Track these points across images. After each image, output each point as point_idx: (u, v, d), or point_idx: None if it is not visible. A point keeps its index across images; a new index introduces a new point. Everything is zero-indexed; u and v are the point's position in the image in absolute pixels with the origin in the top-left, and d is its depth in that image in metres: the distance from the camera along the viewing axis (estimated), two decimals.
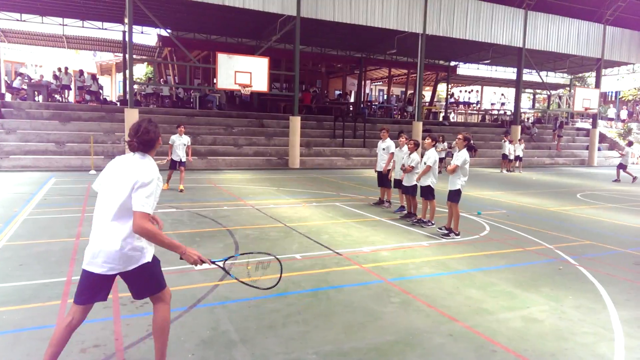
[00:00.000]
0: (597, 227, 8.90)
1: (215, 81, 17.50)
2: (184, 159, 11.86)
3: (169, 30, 22.92)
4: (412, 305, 4.60)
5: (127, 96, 17.24)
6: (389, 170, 10.05)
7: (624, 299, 4.94)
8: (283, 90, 29.40)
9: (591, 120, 29.48)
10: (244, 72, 17.14)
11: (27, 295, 4.50)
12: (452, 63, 33.75)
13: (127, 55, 18.41)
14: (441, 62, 33.28)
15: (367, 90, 40.74)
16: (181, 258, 2.98)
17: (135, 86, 24.32)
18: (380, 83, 43.76)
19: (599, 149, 28.45)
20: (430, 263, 6.10)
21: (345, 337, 3.85)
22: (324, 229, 7.80)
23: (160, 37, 25.70)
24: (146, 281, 3.01)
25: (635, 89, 39.76)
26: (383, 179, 10.25)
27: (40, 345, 3.50)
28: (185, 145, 11.86)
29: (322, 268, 5.67)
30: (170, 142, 11.80)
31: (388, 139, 10.30)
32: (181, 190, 11.39)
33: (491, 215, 9.72)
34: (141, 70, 40.79)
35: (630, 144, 19.50)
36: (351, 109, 30.70)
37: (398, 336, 3.90)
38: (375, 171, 10.60)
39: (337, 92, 36.37)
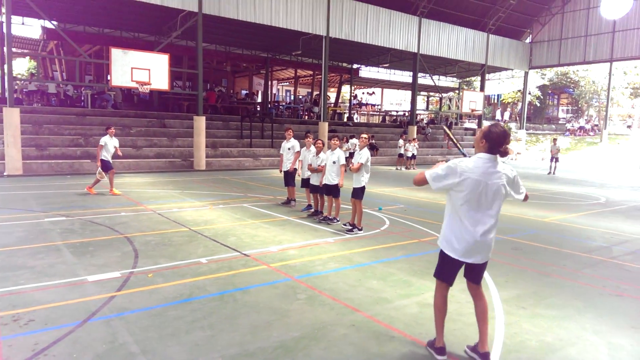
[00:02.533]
0: None
1: (109, 78, 16.40)
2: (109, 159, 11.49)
3: (54, 22, 20.97)
4: (317, 300, 4.74)
5: (7, 94, 15.45)
6: (295, 169, 10.21)
7: (504, 281, 5.54)
8: (186, 89, 28.40)
9: (477, 120, 32.46)
10: (141, 69, 16.28)
11: None
12: (355, 66, 35.10)
13: (5, 49, 16.51)
14: (344, 64, 34.45)
15: (274, 91, 40.82)
16: None
17: (17, 83, 21.88)
18: (287, 83, 44.10)
19: None
20: (335, 258, 6.32)
21: (252, 337, 3.86)
22: (231, 231, 7.70)
23: (44, 29, 23.40)
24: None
25: (513, 92, 44.51)
26: (289, 178, 10.37)
27: None
28: (115, 147, 11.50)
29: (228, 270, 5.60)
30: (101, 144, 11.28)
31: (293, 138, 10.43)
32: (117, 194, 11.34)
33: (391, 210, 10.31)
34: (23, 66, 36.82)
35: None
36: (258, 109, 30.56)
37: (303, 331, 4.00)
38: (281, 171, 10.68)
39: (244, 92, 35.97)
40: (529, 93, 38.42)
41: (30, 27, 24.65)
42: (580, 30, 30.21)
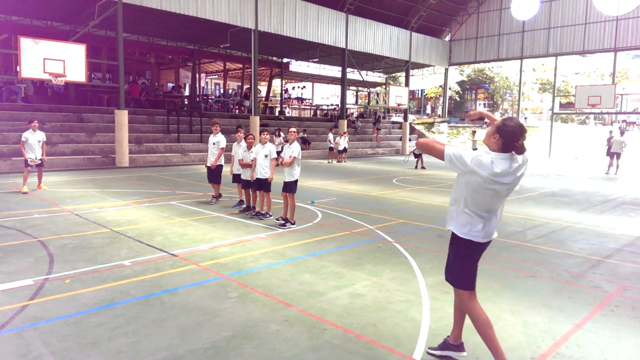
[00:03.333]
0: (408, 207, 10.25)
1: (18, 69, 15.01)
2: (39, 157, 11.00)
3: None
4: (249, 297, 4.67)
5: None
6: (219, 165, 9.97)
7: (430, 267, 5.80)
8: (106, 82, 26.75)
9: (403, 114, 33.67)
10: (55, 60, 15.07)
11: None
12: (285, 60, 34.96)
13: None
14: (274, 58, 34.19)
15: (203, 84, 39.60)
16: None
17: None
18: (216, 76, 42.95)
19: (410, 140, 32.71)
20: (268, 254, 6.26)
21: (181, 340, 3.72)
22: (158, 230, 7.38)
23: None
24: None
25: (435, 87, 46.68)
26: (213, 174, 10.08)
27: None
28: (40, 142, 11.03)
29: (154, 272, 5.36)
30: (22, 139, 10.86)
31: (219, 133, 10.15)
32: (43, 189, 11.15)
33: (323, 203, 10.41)
34: None
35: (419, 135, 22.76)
36: (186, 102, 29.50)
37: (235, 330, 3.93)
38: (206, 166, 10.35)
39: (170, 85, 34.54)
40: (450, 88, 40.49)
41: None
42: (494, 29, 32.28)
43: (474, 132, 23.71)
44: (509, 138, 3.01)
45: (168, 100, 27.01)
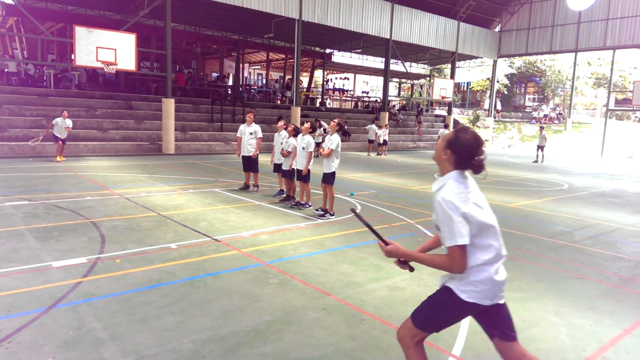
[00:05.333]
0: None
1: (73, 57, 15.72)
2: (64, 137, 14.16)
3: None
4: (289, 284, 4.76)
5: None
6: (257, 155, 10.09)
7: None
8: (154, 70, 27.60)
9: (447, 107, 32.93)
10: (107, 49, 15.69)
11: None
12: (328, 50, 34.87)
13: None
14: (317, 49, 34.16)
15: (246, 74, 40.19)
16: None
17: None
18: (259, 67, 43.47)
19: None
20: (307, 243, 6.34)
21: (223, 322, 3.85)
22: (202, 216, 7.61)
23: (3, 4, 22.15)
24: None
25: (482, 80, 45.29)
26: (250, 163, 10.21)
27: None
28: (66, 127, 14.05)
29: (199, 256, 5.55)
30: (53, 122, 13.98)
31: (254, 123, 10.26)
32: (59, 161, 14.10)
33: (362, 195, 10.39)
34: None
35: (446, 126, 21.62)
36: (229, 92, 30.05)
37: (275, 315, 4.02)
38: (240, 156, 10.40)
39: (215, 74, 35.26)
40: (498, 81, 39.20)
41: None
42: (547, 20, 30.88)
43: (541, 129, 22.64)
44: (463, 153, 2.43)
45: (212, 89, 27.59)
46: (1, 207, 7.64)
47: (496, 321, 2.57)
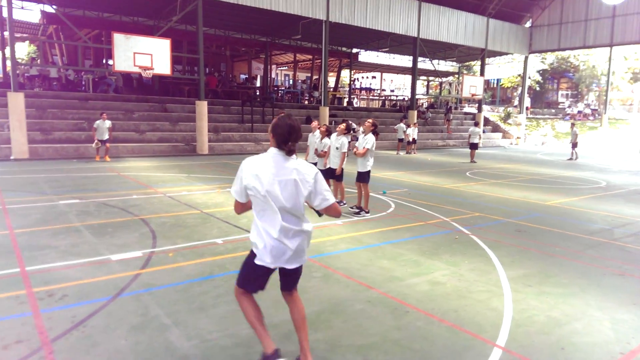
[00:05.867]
0: (484, 200, 10.08)
1: (108, 62, 16.39)
2: (106, 138, 14.88)
3: (54, 6, 20.81)
4: (332, 278, 4.96)
5: (11, 79, 15.45)
6: None
7: (510, 261, 5.77)
8: (187, 74, 28.31)
9: (477, 105, 32.53)
10: (144, 54, 16.25)
11: None
12: (354, 50, 34.97)
13: (6, 34, 16.45)
14: (344, 48, 34.31)
15: (273, 75, 40.68)
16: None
17: (19, 67, 21.76)
18: (286, 68, 43.92)
19: (484, 131, 31.59)
20: (345, 240, 6.53)
21: (275, 311, 4.08)
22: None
23: (44, 13, 23.22)
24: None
25: (513, 76, 44.47)
26: None
27: (28, 330, 3.42)
28: (108, 128, 14.75)
29: (244, 250, 5.79)
30: (95, 126, 14.74)
31: None
32: (97, 160, 15.03)
33: (395, 193, 10.51)
34: (23, 50, 36.52)
35: (476, 124, 20.96)
36: (258, 93, 30.52)
37: (322, 306, 4.22)
38: None
39: (243, 76, 35.86)
40: (529, 77, 38.44)
41: (29, 12, 24.35)
42: (580, 14, 30.14)
43: (573, 125, 22.16)
44: (280, 137, 2.89)
45: (242, 91, 28.10)
46: (55, 205, 8.12)
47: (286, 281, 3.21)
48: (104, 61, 27.24)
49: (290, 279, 3.24)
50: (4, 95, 15.89)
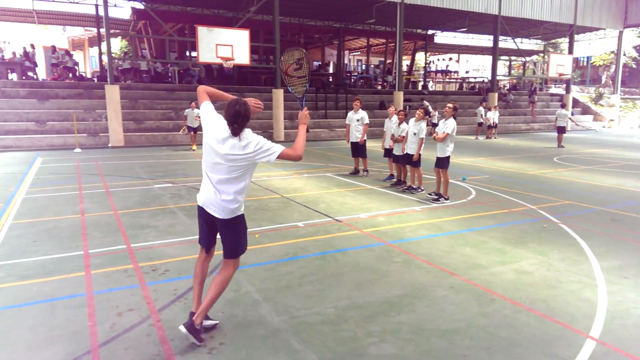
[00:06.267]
0: (575, 187, 9.46)
1: (190, 54, 17.30)
2: (196, 126, 15.14)
3: (143, 3, 22.30)
4: (413, 263, 4.98)
5: (107, 73, 16.89)
6: (365, 140, 10.32)
7: (604, 251, 5.43)
8: (263, 63, 29.12)
9: (565, 85, 30.24)
10: (225, 45, 16.94)
11: (49, 269, 4.69)
12: (430, 32, 33.85)
13: (102, 30, 17.94)
14: (419, 30, 33.34)
15: (345, 61, 40.59)
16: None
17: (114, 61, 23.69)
18: (358, 53, 43.61)
19: (572, 114, 29.35)
20: (424, 226, 6.49)
21: (358, 293, 4.20)
22: (320, 199, 8.10)
23: (134, 10, 24.96)
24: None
25: (606, 53, 40.67)
26: (359, 149, 10.48)
27: (76, 312, 3.74)
28: (196, 116, 14.92)
29: (325, 234, 5.99)
30: (184, 114, 15.37)
31: (361, 110, 10.46)
32: (194, 150, 15.41)
33: (475, 180, 10.18)
34: (116, 45, 39.56)
35: (563, 105, 18.90)
36: (331, 79, 30.66)
37: (405, 290, 4.28)
38: (349, 142, 10.70)
39: (316, 63, 36.16)
40: (624, 54, 34.94)
41: (120, 9, 26.27)
42: None
43: None
44: (227, 118, 3.23)
45: (315, 78, 28.36)
46: (151, 189, 8.85)
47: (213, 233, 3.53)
48: (188, 53, 28.77)
49: None
50: (102, 87, 17.41)
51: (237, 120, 3.21)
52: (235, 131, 3.22)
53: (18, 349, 3.23)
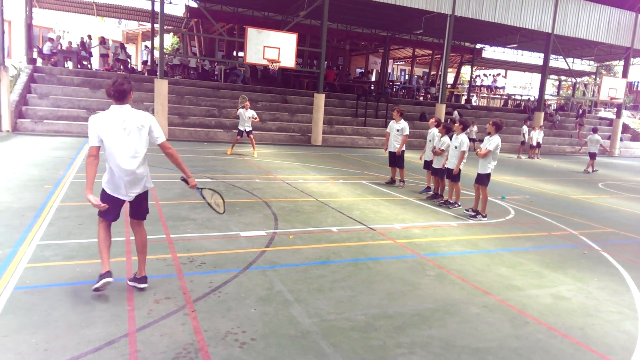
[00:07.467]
0: (619, 215, 9.08)
1: (238, 54, 17.69)
2: (248, 129, 13.97)
3: (197, 1, 23.00)
4: (446, 278, 4.92)
5: (158, 67, 17.50)
6: (403, 151, 10.25)
7: None
8: (307, 67, 29.42)
9: (615, 109, 29.05)
10: (272, 48, 17.25)
11: (92, 252, 4.91)
12: (478, 45, 33.30)
13: (157, 25, 18.60)
14: (467, 44, 32.85)
15: (389, 70, 40.43)
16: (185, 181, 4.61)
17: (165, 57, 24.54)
18: (403, 62, 43.34)
19: (621, 140, 28.17)
20: (460, 242, 6.39)
21: (389, 302, 4.20)
22: (355, 206, 8.11)
23: (187, 7, 25.79)
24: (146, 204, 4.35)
25: None
26: (396, 159, 10.41)
27: (116, 295, 3.91)
28: (249, 117, 13.92)
29: (358, 241, 6.00)
30: (237, 113, 14.24)
31: (402, 120, 10.39)
32: (255, 157, 13.86)
33: (515, 200, 9.94)
34: (167, 41, 40.94)
35: (594, 130, 17.85)
36: (373, 87, 30.62)
37: (437, 305, 4.24)
38: (386, 151, 10.66)
39: (359, 70, 36.19)
40: None
41: (175, 6, 27.17)
42: None
43: None
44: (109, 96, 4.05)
45: (357, 85, 28.42)
46: None
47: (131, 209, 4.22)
48: (235, 53, 29.43)
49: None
50: (151, 81, 18.04)
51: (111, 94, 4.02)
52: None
53: (59, 325, 3.40)
